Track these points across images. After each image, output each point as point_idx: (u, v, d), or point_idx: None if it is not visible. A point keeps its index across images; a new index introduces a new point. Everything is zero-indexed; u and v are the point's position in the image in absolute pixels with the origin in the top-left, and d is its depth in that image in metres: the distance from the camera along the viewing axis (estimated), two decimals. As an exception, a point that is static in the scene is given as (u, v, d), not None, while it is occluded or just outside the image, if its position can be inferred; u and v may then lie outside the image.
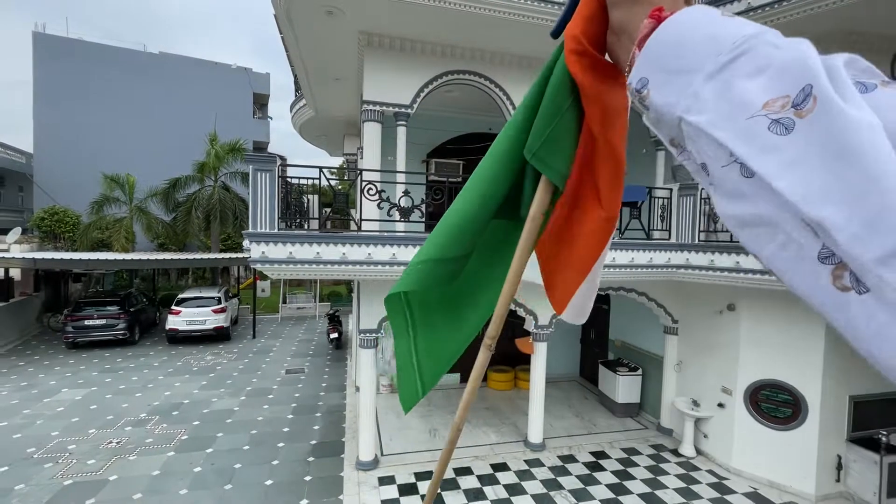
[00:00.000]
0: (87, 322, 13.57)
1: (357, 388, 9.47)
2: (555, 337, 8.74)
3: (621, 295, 8.19)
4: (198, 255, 17.33)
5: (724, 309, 7.35)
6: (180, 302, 14.60)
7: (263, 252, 5.31)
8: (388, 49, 6.77)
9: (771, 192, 0.33)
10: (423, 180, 8.16)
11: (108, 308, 13.95)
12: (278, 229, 5.45)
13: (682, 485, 6.82)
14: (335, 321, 15.01)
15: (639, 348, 9.52)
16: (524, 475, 6.97)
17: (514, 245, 0.77)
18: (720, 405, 7.42)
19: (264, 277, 23.54)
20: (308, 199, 9.09)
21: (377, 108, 6.79)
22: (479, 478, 6.85)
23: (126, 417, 8.83)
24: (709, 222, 6.92)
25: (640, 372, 9.22)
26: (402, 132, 6.99)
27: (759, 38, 0.37)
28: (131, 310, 14.50)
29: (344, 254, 5.60)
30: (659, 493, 6.59)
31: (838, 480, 6.61)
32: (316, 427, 8.61)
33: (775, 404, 6.84)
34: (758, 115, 0.34)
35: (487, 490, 6.53)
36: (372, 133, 6.86)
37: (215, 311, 14.65)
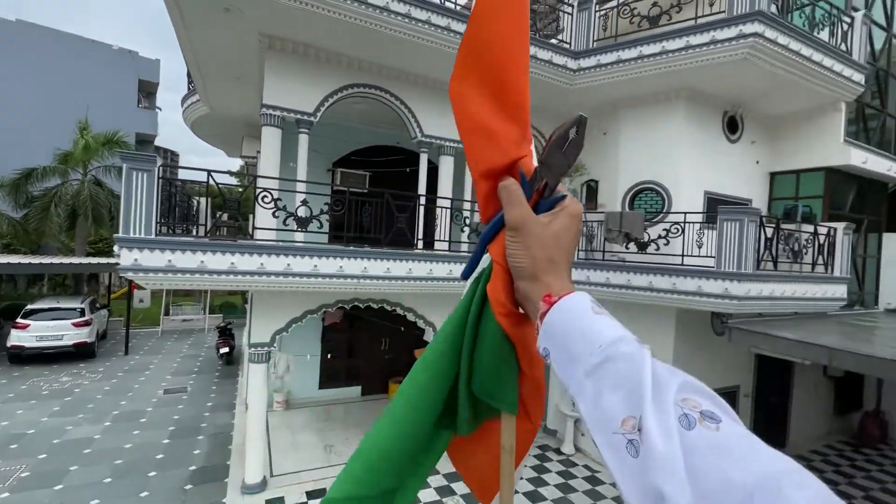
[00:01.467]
0: None
1: (247, 407, 8.86)
2: (454, 347, 9.07)
3: (514, 306, 8.79)
4: (56, 260, 14.85)
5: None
6: (28, 314, 12.37)
7: (136, 259, 4.81)
8: (292, 54, 6.63)
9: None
10: (326, 190, 8.05)
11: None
12: (156, 234, 4.99)
13: (561, 480, 7.47)
14: (226, 334, 13.88)
15: (530, 356, 10.25)
16: (419, 484, 7.08)
17: (435, 453, 0.80)
18: (595, 405, 8.29)
19: (141, 287, 20.95)
20: (197, 203, 8.41)
21: (278, 113, 6.57)
22: (374, 491, 6.81)
23: (-58, 456, 7.24)
24: (587, 243, 7.79)
25: (530, 378, 9.92)
26: (304, 140, 6.84)
27: (615, 347, 0.46)
28: (-42, 324, 11.94)
29: (233, 263, 5.30)
30: (541, 489, 7.14)
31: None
32: (197, 451, 7.87)
33: (637, 402, 7.83)
34: (618, 432, 0.41)
35: (381, 502, 6.52)
36: (271, 138, 6.61)
37: (77, 325, 12.65)
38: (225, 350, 13.15)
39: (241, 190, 7.36)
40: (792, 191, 8.32)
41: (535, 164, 0.65)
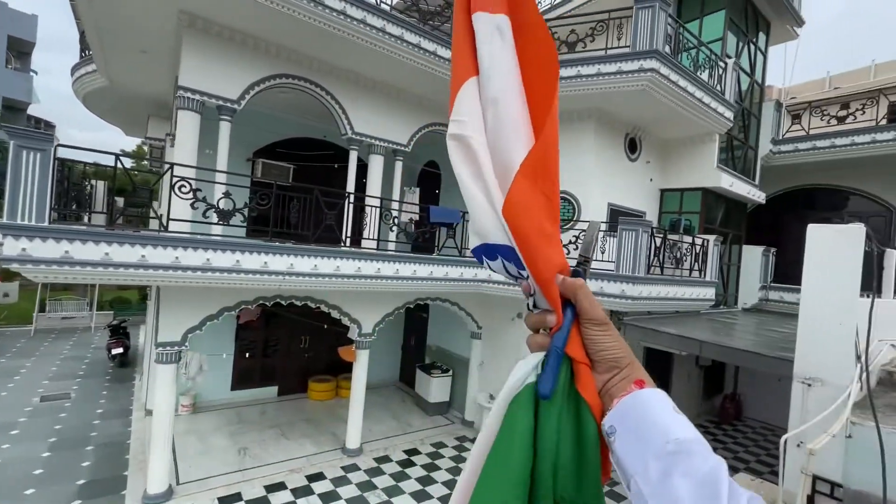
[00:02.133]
0: None
1: (148, 412, 8.15)
2: (378, 344, 9.16)
3: (437, 304, 9.12)
4: None
5: (516, 316, 8.93)
6: None
7: (24, 249, 4.27)
8: (216, 36, 6.26)
9: None
10: (247, 181, 7.67)
11: None
12: (50, 222, 4.47)
13: (477, 468, 7.93)
14: (120, 333, 12.51)
15: (450, 352, 10.68)
16: (340, 481, 7.09)
17: None
18: (509, 397, 8.90)
19: (8, 278, 18.00)
20: (92, 186, 7.55)
21: (197, 97, 6.16)
22: (293, 491, 6.70)
23: None
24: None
25: (451, 373, 10.34)
26: (225, 128, 6.49)
27: (693, 445, 0.48)
28: None
29: (144, 256, 4.90)
30: (458, 478, 7.52)
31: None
32: (86, 463, 7.07)
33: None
34: None
35: (300, 502, 6.44)
36: (188, 124, 6.18)
37: (-81, 324, 10.58)
38: (118, 351, 11.86)
39: (136, 173, 6.75)
40: (677, 206, 9.65)
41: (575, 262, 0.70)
